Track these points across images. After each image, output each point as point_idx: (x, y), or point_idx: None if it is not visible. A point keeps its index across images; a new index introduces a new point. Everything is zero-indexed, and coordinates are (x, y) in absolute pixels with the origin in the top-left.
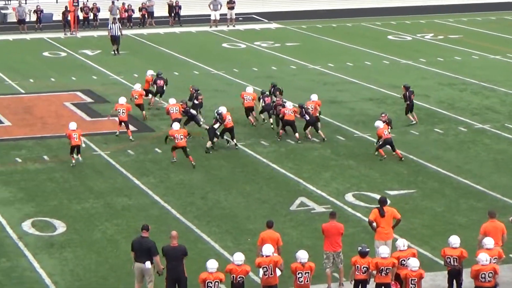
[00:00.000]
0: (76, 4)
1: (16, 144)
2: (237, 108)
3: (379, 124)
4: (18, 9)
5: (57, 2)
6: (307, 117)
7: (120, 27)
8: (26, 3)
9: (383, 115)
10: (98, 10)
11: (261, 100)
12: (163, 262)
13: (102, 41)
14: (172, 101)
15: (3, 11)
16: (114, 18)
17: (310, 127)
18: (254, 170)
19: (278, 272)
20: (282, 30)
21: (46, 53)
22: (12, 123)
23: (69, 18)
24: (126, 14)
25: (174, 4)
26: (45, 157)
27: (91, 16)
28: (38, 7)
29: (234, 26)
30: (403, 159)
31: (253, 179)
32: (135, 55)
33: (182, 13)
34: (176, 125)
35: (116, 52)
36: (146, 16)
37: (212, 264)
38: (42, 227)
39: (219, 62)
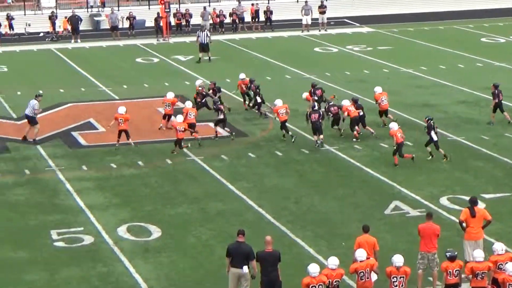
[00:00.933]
0: (168, 10)
1: (110, 150)
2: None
3: (394, 125)
4: (111, 16)
5: (149, 8)
6: (361, 112)
7: (209, 34)
8: (118, 10)
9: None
10: (191, 16)
11: (313, 95)
12: (257, 267)
13: (195, 47)
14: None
15: (96, 18)
16: (202, 26)
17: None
18: (348, 174)
19: (374, 276)
20: (374, 34)
21: (139, 59)
22: (106, 129)
23: (161, 24)
24: (218, 20)
25: (266, 9)
26: (140, 162)
27: (183, 22)
28: (131, 13)
29: (325, 30)
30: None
31: (346, 183)
32: (227, 61)
33: (273, 18)
34: (179, 118)
35: (208, 59)
36: (237, 21)
37: (314, 268)
38: (138, 232)
39: (311, 66)
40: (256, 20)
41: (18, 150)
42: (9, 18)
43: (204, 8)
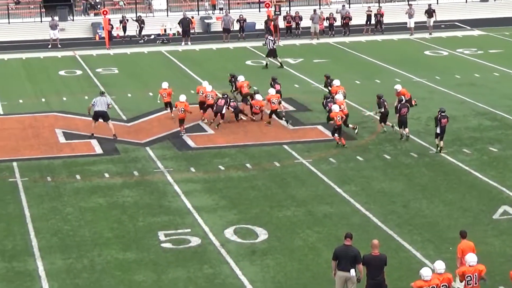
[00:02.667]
0: (278, 13)
1: (219, 152)
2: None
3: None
4: (224, 18)
5: (259, 11)
6: (383, 110)
7: (275, 40)
8: (229, 13)
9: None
10: (301, 18)
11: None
12: (363, 270)
13: (304, 50)
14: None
15: (207, 21)
16: (269, 30)
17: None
18: (456, 178)
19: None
20: (485, 37)
21: (248, 62)
22: (215, 132)
23: (271, 27)
24: (327, 23)
25: (376, 12)
26: (248, 165)
27: (293, 24)
28: (241, 16)
29: (430, 34)
30: None
31: (455, 187)
32: (336, 63)
33: (384, 20)
34: (182, 97)
35: (280, 65)
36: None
37: (427, 272)
38: (244, 234)
39: (421, 69)
40: (369, 23)
41: (127, 151)
42: (124, 21)
43: (314, 11)
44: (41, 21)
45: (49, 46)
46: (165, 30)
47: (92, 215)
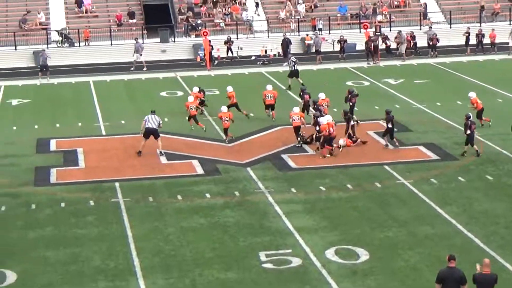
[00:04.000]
0: (379, 33)
1: (320, 173)
2: None
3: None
4: (314, 40)
5: (360, 31)
6: (389, 125)
7: (295, 62)
8: (329, 34)
9: None
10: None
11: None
12: None
13: (405, 70)
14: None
15: (307, 42)
16: (370, 51)
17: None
18: None
19: None
20: None
21: (349, 82)
22: (315, 153)
23: (371, 48)
24: (431, 43)
25: (478, 32)
26: (348, 185)
27: (393, 45)
28: (342, 37)
29: None
30: None
31: None
32: (437, 84)
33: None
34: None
35: (289, 88)
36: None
37: None
38: (345, 255)
39: None
40: (468, 43)
41: (228, 172)
42: (229, 42)
43: (399, 32)
44: (143, 43)
45: (132, 69)
46: (265, 51)
47: (194, 235)
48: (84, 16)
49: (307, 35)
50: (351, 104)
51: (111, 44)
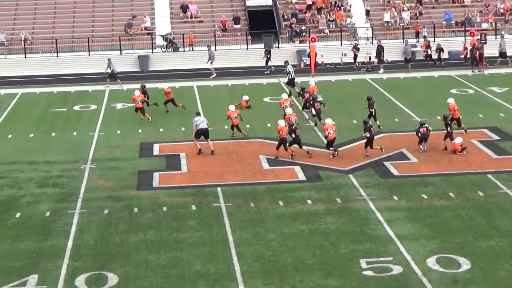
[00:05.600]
0: (484, 41)
1: (422, 181)
2: None
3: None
4: (404, 48)
5: (465, 39)
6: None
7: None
8: (434, 41)
9: None
10: None
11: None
12: None
13: (510, 78)
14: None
15: (413, 49)
16: (474, 59)
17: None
18: None
19: None
20: None
21: (453, 90)
22: (418, 160)
23: (476, 55)
24: None
25: None
26: (451, 194)
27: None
28: (439, 45)
29: None
30: None
31: None
32: None
33: None
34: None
35: (298, 94)
36: None
37: None
38: (447, 263)
39: None
40: None
41: (330, 178)
42: (354, 48)
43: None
44: (247, 49)
45: (213, 76)
46: (369, 58)
47: (294, 241)
48: (189, 21)
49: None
50: (371, 110)
51: (215, 49)
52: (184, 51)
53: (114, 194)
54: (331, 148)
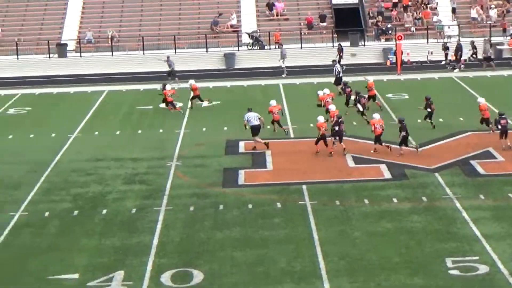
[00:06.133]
0: None
1: (509, 180)
2: None
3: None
4: (483, 46)
5: None
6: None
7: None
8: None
9: None
10: None
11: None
12: None
13: None
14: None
15: (498, 47)
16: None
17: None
18: None
19: None
20: None
21: None
22: (505, 159)
23: None
24: None
25: None
26: None
27: None
28: None
29: None
30: None
31: None
32: None
33: None
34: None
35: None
36: None
37: None
38: None
39: None
40: None
41: (416, 177)
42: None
43: None
44: (333, 46)
45: (283, 75)
46: (456, 56)
47: (380, 239)
48: (275, 19)
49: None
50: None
51: (301, 47)
52: (269, 48)
53: (200, 191)
54: (383, 144)
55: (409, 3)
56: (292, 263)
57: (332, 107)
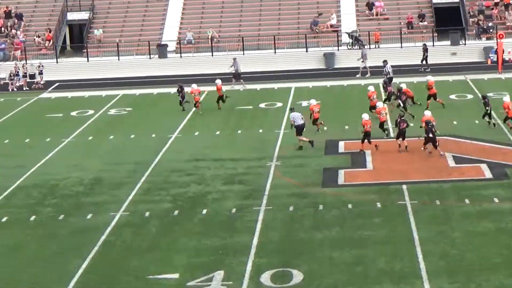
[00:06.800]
0: None
1: None
2: None
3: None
4: None
5: None
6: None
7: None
8: None
9: None
10: None
11: None
12: None
13: None
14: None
15: None
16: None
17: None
18: None
19: None
20: None
21: None
22: None
23: None
24: None
25: None
26: None
27: None
28: None
29: None
30: None
31: None
32: None
33: None
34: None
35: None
36: None
37: None
38: None
39: None
40: None
41: None
42: None
43: None
44: (433, 45)
45: (357, 75)
46: None
47: (481, 240)
48: (375, 18)
49: None
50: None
51: (401, 47)
52: (369, 48)
53: (299, 191)
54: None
55: (511, 1)
56: (391, 263)
57: (379, 104)
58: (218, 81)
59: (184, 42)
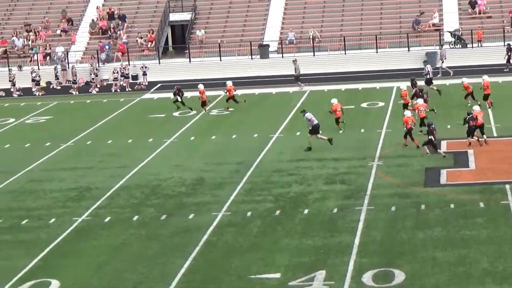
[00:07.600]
0: None
1: None
2: None
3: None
4: None
5: None
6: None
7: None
8: None
9: None
10: None
11: None
12: None
13: None
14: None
15: None
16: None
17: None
18: None
19: None
20: None
21: None
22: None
23: None
24: None
25: None
26: None
27: None
28: None
29: None
30: None
31: None
32: None
33: None
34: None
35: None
36: None
37: None
38: None
39: None
40: None
41: None
42: None
43: None
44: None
45: (439, 75)
46: None
47: None
48: (477, 17)
49: None
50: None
51: (504, 46)
52: (472, 47)
53: (401, 191)
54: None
55: None
56: (495, 263)
57: (419, 101)
58: (229, 82)
59: (286, 42)
